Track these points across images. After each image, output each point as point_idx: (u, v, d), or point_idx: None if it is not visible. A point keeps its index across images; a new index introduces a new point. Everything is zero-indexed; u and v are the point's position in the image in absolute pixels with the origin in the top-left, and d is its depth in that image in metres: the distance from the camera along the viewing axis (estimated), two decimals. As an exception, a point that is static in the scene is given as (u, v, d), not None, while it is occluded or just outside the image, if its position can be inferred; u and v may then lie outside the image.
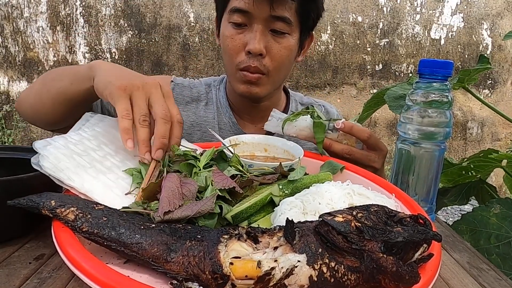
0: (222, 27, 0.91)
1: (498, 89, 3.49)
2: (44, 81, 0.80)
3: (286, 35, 0.87)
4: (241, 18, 0.85)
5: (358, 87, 3.39)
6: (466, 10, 3.32)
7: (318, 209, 0.51)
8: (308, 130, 0.76)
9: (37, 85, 0.82)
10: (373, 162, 0.77)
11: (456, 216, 2.93)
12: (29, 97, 0.82)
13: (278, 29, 0.85)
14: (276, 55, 0.87)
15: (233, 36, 0.87)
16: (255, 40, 0.83)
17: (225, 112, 1.02)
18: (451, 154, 3.47)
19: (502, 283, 0.53)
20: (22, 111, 0.86)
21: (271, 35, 0.86)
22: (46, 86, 0.78)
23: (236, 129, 1.00)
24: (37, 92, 0.80)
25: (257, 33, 0.84)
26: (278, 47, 0.86)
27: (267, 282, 0.37)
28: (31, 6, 3.07)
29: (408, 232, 0.40)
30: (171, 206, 0.47)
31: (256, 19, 0.84)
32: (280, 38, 0.86)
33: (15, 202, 0.46)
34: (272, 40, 0.86)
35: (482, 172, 1.13)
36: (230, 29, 0.87)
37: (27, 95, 0.84)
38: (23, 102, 0.84)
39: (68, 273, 0.45)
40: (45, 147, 0.54)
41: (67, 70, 0.77)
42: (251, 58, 0.86)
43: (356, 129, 0.75)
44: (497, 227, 0.81)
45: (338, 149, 0.75)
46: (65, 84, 0.73)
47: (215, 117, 1.01)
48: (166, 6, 3.12)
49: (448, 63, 0.66)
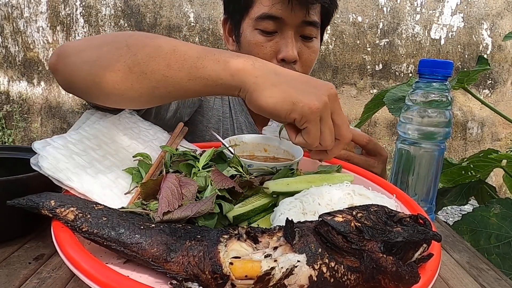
0: (247, 33, 0.86)
1: (498, 89, 3.49)
2: (127, 44, 0.55)
3: (314, 38, 0.87)
4: (272, 25, 0.82)
5: (358, 87, 3.38)
6: (466, 10, 3.31)
7: (317, 209, 0.51)
8: None
9: (108, 48, 0.56)
10: (373, 167, 0.76)
11: (456, 216, 2.93)
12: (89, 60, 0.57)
13: (308, 34, 0.84)
14: (307, 60, 0.86)
15: (263, 44, 0.84)
16: (289, 48, 0.81)
17: (241, 111, 0.99)
18: (451, 154, 3.47)
19: (502, 283, 0.53)
20: (67, 72, 0.59)
21: (301, 40, 0.85)
22: (130, 54, 0.54)
23: (253, 129, 0.98)
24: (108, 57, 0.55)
25: (290, 40, 0.82)
26: (308, 52, 0.86)
27: (267, 282, 0.37)
28: (31, 6, 3.07)
29: (408, 232, 0.40)
30: (171, 206, 0.47)
31: (288, 26, 0.82)
32: (310, 43, 0.86)
33: (15, 202, 0.46)
34: (303, 45, 0.85)
35: (482, 172, 1.13)
36: (259, 36, 0.84)
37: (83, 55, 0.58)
38: (74, 61, 0.58)
39: (68, 273, 0.45)
40: (44, 148, 0.54)
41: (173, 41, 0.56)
42: (284, 65, 0.83)
43: (355, 135, 0.73)
44: (497, 227, 0.81)
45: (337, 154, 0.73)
46: (179, 76, 0.53)
47: (232, 116, 0.98)
48: (166, 6, 3.12)
49: (448, 63, 0.66)
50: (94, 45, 0.59)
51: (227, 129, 0.97)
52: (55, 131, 3.29)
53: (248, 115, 0.99)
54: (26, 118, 3.27)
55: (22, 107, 3.22)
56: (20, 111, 3.25)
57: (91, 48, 0.58)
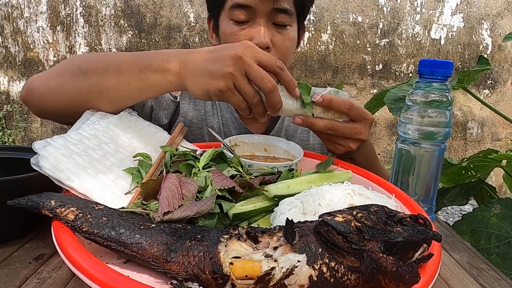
0: (222, 25, 0.90)
1: (498, 89, 3.49)
2: (81, 69, 0.68)
3: (288, 26, 0.88)
4: (244, 14, 0.84)
5: (358, 87, 3.38)
6: (466, 10, 3.31)
7: (318, 210, 0.51)
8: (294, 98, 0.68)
9: (66, 75, 0.69)
10: (360, 134, 0.72)
11: (456, 216, 2.93)
12: (53, 89, 0.69)
13: (280, 21, 0.86)
14: (282, 47, 0.87)
15: (236, 33, 0.86)
16: (260, 34, 0.83)
17: (226, 107, 1.00)
18: (451, 154, 3.47)
19: (502, 283, 0.53)
20: (36, 103, 0.72)
21: (274, 28, 0.86)
22: (86, 78, 0.67)
23: (238, 124, 0.99)
24: (68, 84, 0.68)
25: (261, 27, 0.84)
26: (282, 39, 0.87)
27: (267, 282, 0.37)
28: (31, 6, 3.07)
29: (408, 232, 0.40)
30: (171, 206, 0.47)
31: (259, 14, 0.84)
32: (283, 30, 0.87)
33: (15, 202, 0.46)
34: (276, 32, 0.86)
35: (482, 172, 1.13)
36: (233, 26, 0.86)
37: (47, 86, 0.70)
38: (40, 93, 0.71)
39: (68, 273, 0.45)
40: (45, 148, 0.54)
41: (117, 59, 0.68)
42: None
43: (335, 102, 0.68)
44: (498, 227, 0.81)
45: (321, 126, 0.69)
46: (130, 89, 0.66)
47: (217, 112, 1.00)
48: (166, 6, 3.12)
49: (448, 63, 0.66)
50: (54, 75, 0.71)
51: (212, 126, 0.98)
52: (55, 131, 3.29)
53: (234, 111, 1.00)
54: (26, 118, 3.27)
55: (22, 107, 3.22)
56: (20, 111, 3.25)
57: (52, 78, 0.71)
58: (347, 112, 0.70)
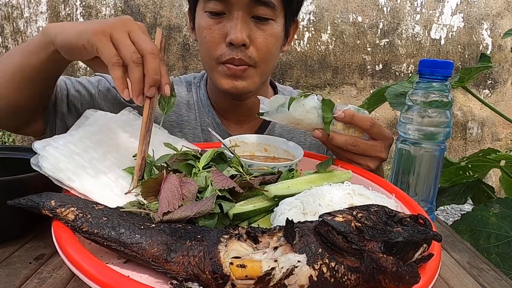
0: (198, 17, 0.82)
1: (498, 89, 3.49)
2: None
3: (270, 21, 0.79)
4: (218, 5, 0.76)
5: (358, 87, 3.38)
6: (466, 10, 3.31)
7: (318, 210, 0.51)
8: (315, 111, 0.67)
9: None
10: (379, 152, 0.70)
11: (456, 216, 2.93)
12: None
13: (261, 15, 0.77)
14: (262, 44, 0.78)
15: (210, 27, 0.78)
16: (236, 29, 0.74)
17: (207, 112, 0.94)
18: (451, 154, 3.47)
19: (502, 283, 0.53)
20: None
21: (254, 22, 0.77)
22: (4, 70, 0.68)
23: (220, 130, 0.93)
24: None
25: (237, 21, 0.75)
26: (262, 35, 0.78)
27: (267, 282, 0.37)
28: (31, 6, 3.07)
29: (408, 232, 0.40)
30: (171, 206, 0.47)
31: (235, 5, 0.75)
32: (264, 25, 0.78)
33: (15, 202, 0.46)
34: (256, 28, 0.78)
35: (480, 172, 1.13)
36: (207, 19, 0.78)
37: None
38: None
39: (68, 273, 0.45)
40: (45, 148, 0.54)
41: (16, 48, 0.70)
42: (233, 50, 0.77)
43: (357, 118, 0.67)
44: (497, 226, 0.81)
45: (341, 141, 0.68)
46: (20, 60, 0.66)
47: (197, 118, 0.94)
48: (166, 6, 3.12)
49: (448, 63, 0.66)
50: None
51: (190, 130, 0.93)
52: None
53: (215, 116, 0.94)
54: (26, 118, 3.27)
55: (22, 107, 3.22)
56: (20, 111, 3.24)
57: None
58: (369, 129, 0.68)
